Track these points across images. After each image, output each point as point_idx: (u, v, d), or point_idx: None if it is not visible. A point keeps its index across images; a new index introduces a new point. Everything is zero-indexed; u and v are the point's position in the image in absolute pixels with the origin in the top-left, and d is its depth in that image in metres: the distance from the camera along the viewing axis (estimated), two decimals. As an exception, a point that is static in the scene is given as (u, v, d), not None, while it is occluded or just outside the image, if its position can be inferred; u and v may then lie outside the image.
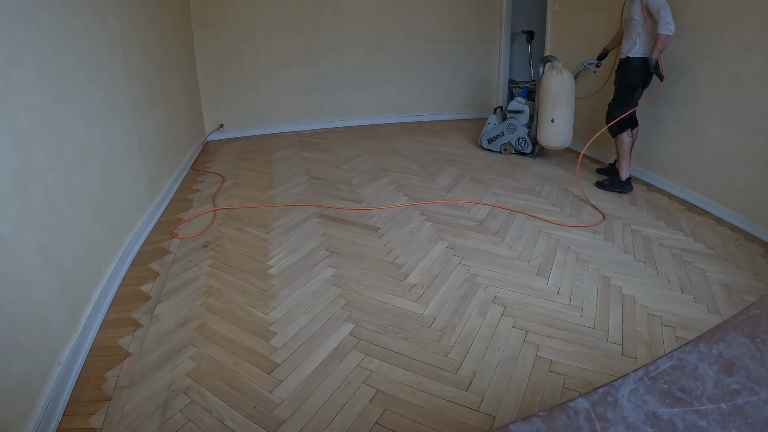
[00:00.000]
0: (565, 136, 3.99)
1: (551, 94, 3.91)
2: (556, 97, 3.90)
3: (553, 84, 3.90)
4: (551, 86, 3.90)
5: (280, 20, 5.09)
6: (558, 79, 3.88)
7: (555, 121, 3.93)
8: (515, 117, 4.38)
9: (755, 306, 0.74)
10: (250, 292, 2.29)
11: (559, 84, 3.87)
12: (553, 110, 3.92)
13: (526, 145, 4.38)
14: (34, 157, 1.71)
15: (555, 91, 3.89)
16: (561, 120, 3.93)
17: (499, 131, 4.50)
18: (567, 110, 3.92)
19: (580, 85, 4.29)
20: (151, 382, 1.73)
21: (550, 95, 3.92)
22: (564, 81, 3.87)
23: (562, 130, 3.96)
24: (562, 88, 3.87)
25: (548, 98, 3.94)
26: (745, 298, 2.22)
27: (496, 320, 2.07)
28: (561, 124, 3.94)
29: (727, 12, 2.94)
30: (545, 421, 0.53)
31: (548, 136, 4.02)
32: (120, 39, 2.72)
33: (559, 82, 3.87)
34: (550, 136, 4.01)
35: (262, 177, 3.93)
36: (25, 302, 1.54)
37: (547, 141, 4.06)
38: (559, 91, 3.88)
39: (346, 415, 1.58)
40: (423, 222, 3.03)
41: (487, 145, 4.63)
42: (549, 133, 4.01)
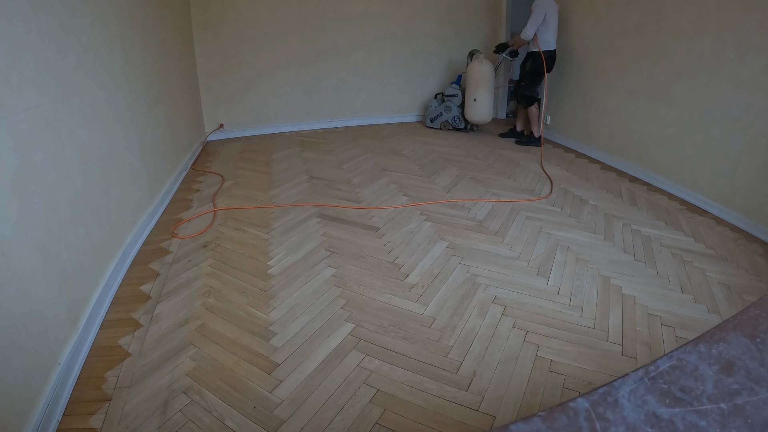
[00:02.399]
0: (485, 113, 5.00)
1: (474, 79, 4.90)
2: (478, 82, 4.87)
3: (475, 71, 4.88)
4: (474, 73, 4.90)
5: (280, 20, 5.09)
6: (479, 68, 4.87)
7: (477, 101, 4.94)
8: (450, 99, 5.34)
9: (755, 306, 0.74)
10: (250, 292, 2.29)
11: (479, 71, 4.87)
12: (475, 92, 4.91)
13: (460, 122, 5.35)
14: (34, 157, 1.71)
15: (477, 77, 4.88)
16: (482, 100, 4.92)
17: (438, 112, 5.47)
18: (486, 92, 4.91)
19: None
20: (151, 382, 1.73)
21: (473, 80, 4.90)
22: (483, 69, 4.86)
23: (483, 107, 4.96)
24: (481, 74, 4.86)
25: (472, 83, 4.92)
26: (745, 298, 2.22)
27: (496, 320, 2.07)
28: (482, 103, 4.94)
29: (727, 12, 2.94)
30: (545, 421, 0.53)
31: (472, 112, 5.04)
32: (120, 39, 2.72)
33: (480, 70, 4.87)
34: (473, 113, 5.03)
35: (262, 177, 3.93)
36: (25, 302, 1.54)
37: (471, 116, 5.07)
38: (480, 76, 4.86)
39: (346, 415, 1.58)
40: (423, 222, 3.03)
41: (430, 123, 5.58)
42: (472, 110, 5.02)
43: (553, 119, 4.99)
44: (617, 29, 3.92)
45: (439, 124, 5.49)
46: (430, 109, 5.50)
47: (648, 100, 3.67)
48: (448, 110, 5.35)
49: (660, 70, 3.52)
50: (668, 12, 3.39)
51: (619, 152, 4.06)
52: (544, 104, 4.95)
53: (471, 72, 4.91)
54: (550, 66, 4.48)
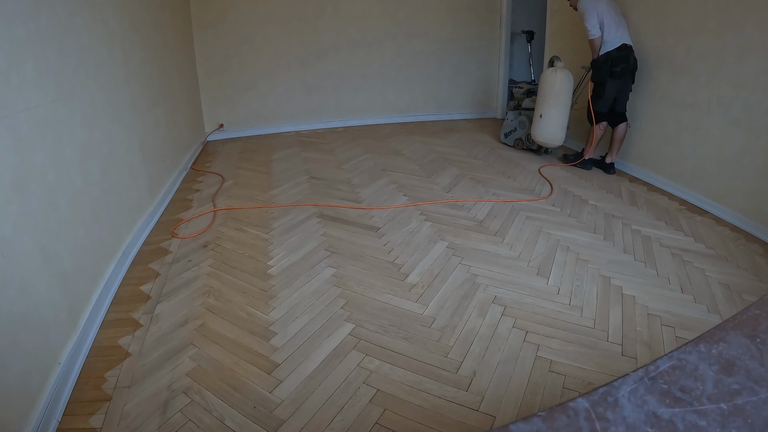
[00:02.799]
0: (553, 134, 4.05)
1: (544, 91, 4.05)
2: (545, 95, 4.02)
3: (546, 81, 4.02)
4: (545, 83, 4.04)
5: (280, 20, 5.09)
6: (551, 77, 3.97)
7: (543, 117, 4.04)
8: (527, 114, 4.51)
9: (755, 306, 0.74)
10: (250, 292, 2.29)
11: (548, 81, 3.99)
12: (542, 106, 4.04)
13: (532, 142, 4.47)
14: (34, 157, 1.71)
15: (546, 88, 4.02)
16: (549, 117, 4.01)
17: (512, 126, 4.66)
18: (555, 108, 3.98)
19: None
20: (151, 382, 1.73)
21: (543, 92, 4.06)
22: (554, 79, 3.96)
23: (550, 126, 4.03)
24: (552, 85, 3.97)
25: (541, 95, 4.09)
26: (745, 298, 2.22)
27: (496, 320, 2.07)
28: (549, 122, 4.02)
29: (727, 12, 2.94)
30: (545, 421, 0.53)
31: (536, 130, 4.14)
32: (120, 39, 2.72)
33: (552, 80, 3.97)
34: (538, 131, 4.13)
35: (262, 177, 3.93)
36: (25, 302, 1.54)
37: (535, 135, 4.18)
38: (549, 88, 3.98)
39: (346, 415, 1.58)
40: (423, 222, 3.03)
41: (504, 139, 4.81)
42: (537, 127, 4.13)
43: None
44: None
45: (512, 141, 4.70)
46: (506, 122, 4.76)
47: (648, 100, 3.67)
48: (523, 126, 4.55)
49: (660, 69, 3.52)
50: (668, 12, 3.39)
51: (619, 152, 4.05)
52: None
53: (542, 82, 4.06)
54: (617, 67, 3.60)
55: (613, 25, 3.61)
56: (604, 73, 3.67)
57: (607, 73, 3.65)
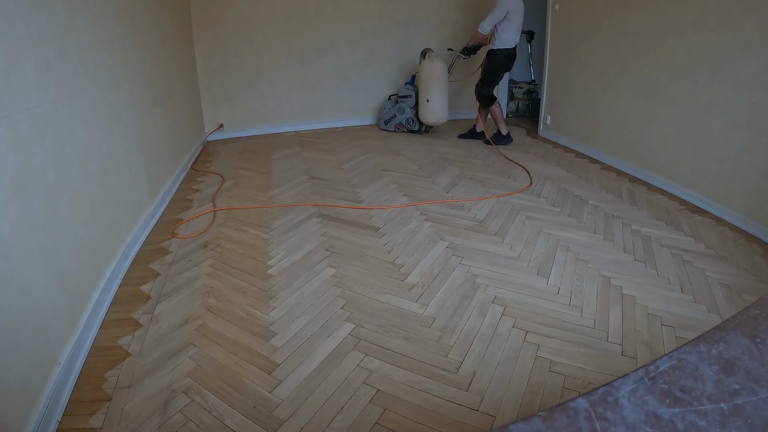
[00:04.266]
0: (440, 114, 4.80)
1: (425, 78, 4.70)
2: (429, 81, 4.67)
3: (426, 70, 4.68)
4: (425, 72, 4.70)
5: (280, 20, 5.09)
6: (430, 66, 4.65)
7: (430, 101, 4.73)
8: (404, 101, 5.13)
9: (755, 306, 0.74)
10: (250, 292, 2.29)
11: (430, 70, 4.65)
12: (428, 92, 4.70)
13: (414, 124, 5.15)
14: (34, 157, 1.71)
15: (427, 76, 4.68)
16: (435, 100, 4.70)
17: (392, 114, 5.25)
18: (439, 92, 4.68)
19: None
20: (151, 382, 1.73)
21: (425, 80, 4.71)
22: (434, 68, 4.64)
23: (437, 108, 4.75)
24: (432, 73, 4.65)
25: (423, 82, 4.73)
26: (745, 298, 2.22)
27: (496, 320, 2.07)
28: (435, 104, 4.72)
29: (727, 12, 2.94)
30: (545, 421, 0.53)
31: (425, 114, 4.85)
32: (120, 39, 2.72)
33: (431, 69, 4.65)
34: (427, 114, 4.84)
35: (262, 177, 3.93)
36: (25, 302, 1.54)
37: (425, 118, 4.88)
38: (431, 75, 4.66)
39: (346, 415, 1.58)
40: (423, 222, 3.03)
41: (384, 126, 5.36)
42: (426, 111, 4.83)
43: (553, 119, 4.99)
44: (617, 29, 3.92)
45: (393, 126, 5.30)
46: (384, 111, 5.32)
47: (648, 100, 3.67)
48: (402, 111, 5.16)
49: (660, 70, 3.52)
50: (668, 12, 3.39)
51: (619, 152, 4.06)
52: (543, 104, 4.96)
53: (422, 71, 4.74)
54: (509, 65, 4.42)
55: (517, 26, 4.24)
56: (501, 66, 4.42)
57: (503, 67, 4.42)
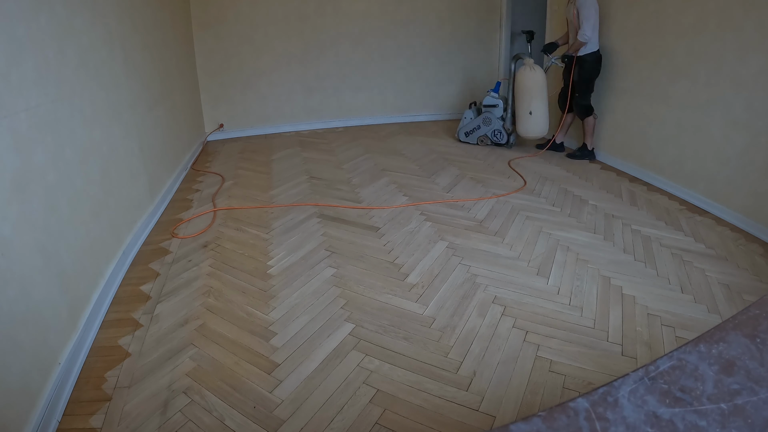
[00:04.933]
0: (542, 126, 4.38)
1: (527, 88, 4.26)
2: (532, 92, 4.25)
3: (528, 79, 4.25)
4: (527, 81, 4.25)
5: (280, 20, 5.09)
6: (532, 75, 4.24)
7: (533, 114, 4.30)
8: (490, 111, 4.71)
9: (755, 306, 0.74)
10: (250, 292, 2.29)
11: (533, 79, 4.24)
12: (531, 103, 4.28)
13: (501, 137, 4.69)
14: (34, 157, 1.71)
15: (530, 85, 4.25)
16: (538, 112, 4.31)
17: (475, 125, 4.80)
18: (542, 102, 4.30)
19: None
20: (151, 382, 1.73)
21: (527, 90, 4.27)
22: (538, 76, 4.24)
23: (540, 121, 4.34)
24: (536, 82, 4.24)
25: (525, 93, 4.29)
26: (745, 298, 2.22)
27: (496, 320, 2.07)
28: (538, 116, 4.32)
29: (727, 12, 2.94)
30: (545, 421, 0.53)
31: (528, 127, 4.39)
32: (120, 39, 2.72)
33: (534, 78, 4.24)
34: (530, 128, 4.38)
35: (262, 177, 3.93)
36: (25, 302, 1.54)
37: (526, 132, 4.43)
38: (534, 85, 4.24)
39: (346, 415, 1.58)
40: (423, 222, 3.03)
41: (464, 138, 4.91)
42: (528, 124, 4.37)
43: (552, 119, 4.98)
44: (617, 29, 3.92)
45: (475, 139, 4.81)
46: (465, 121, 4.86)
47: (648, 100, 3.67)
48: (488, 123, 4.68)
49: (660, 69, 3.52)
50: (668, 12, 3.39)
51: (619, 152, 4.06)
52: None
53: (523, 80, 4.26)
54: (599, 67, 4.04)
55: (598, 26, 3.94)
56: (594, 71, 4.03)
57: (596, 71, 4.03)
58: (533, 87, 4.23)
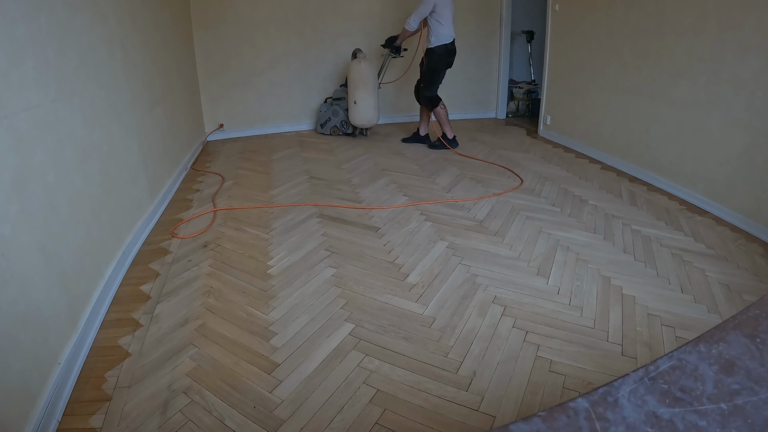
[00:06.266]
0: (369, 116, 4.71)
1: (352, 80, 4.63)
2: (356, 82, 4.59)
3: (353, 71, 4.61)
4: (352, 73, 4.63)
5: (280, 20, 5.09)
6: (357, 67, 4.58)
7: (357, 103, 4.65)
8: (338, 103, 5.05)
9: (755, 306, 0.74)
10: (250, 292, 2.29)
11: (357, 71, 4.58)
12: (355, 94, 4.63)
13: (348, 127, 5.06)
14: (34, 157, 1.71)
15: (354, 77, 4.60)
16: (363, 102, 4.62)
17: (327, 116, 5.17)
18: (367, 93, 4.59)
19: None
20: (151, 382, 1.73)
21: (352, 81, 4.64)
22: (361, 68, 4.56)
23: (366, 110, 4.67)
24: (359, 74, 4.57)
25: (351, 84, 4.65)
26: (745, 298, 2.22)
27: (496, 320, 2.07)
28: (364, 106, 4.64)
29: (727, 12, 2.94)
30: (545, 421, 0.53)
31: (354, 116, 4.77)
32: (120, 39, 2.72)
33: (358, 69, 4.57)
34: (355, 116, 4.76)
35: (262, 177, 3.93)
36: (25, 302, 1.54)
37: (354, 120, 4.81)
38: (357, 76, 4.57)
39: (346, 415, 1.58)
40: (423, 222, 3.03)
41: (321, 129, 5.27)
42: (354, 113, 4.75)
43: (553, 119, 4.99)
44: (617, 29, 3.92)
45: (329, 130, 5.20)
46: (320, 113, 5.23)
47: (648, 100, 3.67)
48: (336, 114, 5.07)
49: (660, 70, 3.52)
50: (668, 12, 3.39)
51: (619, 152, 4.06)
52: (543, 104, 4.95)
53: (350, 72, 4.66)
54: (449, 60, 4.33)
55: (450, 19, 4.16)
56: (441, 63, 4.28)
57: (444, 64, 4.28)
58: (357, 78, 4.59)
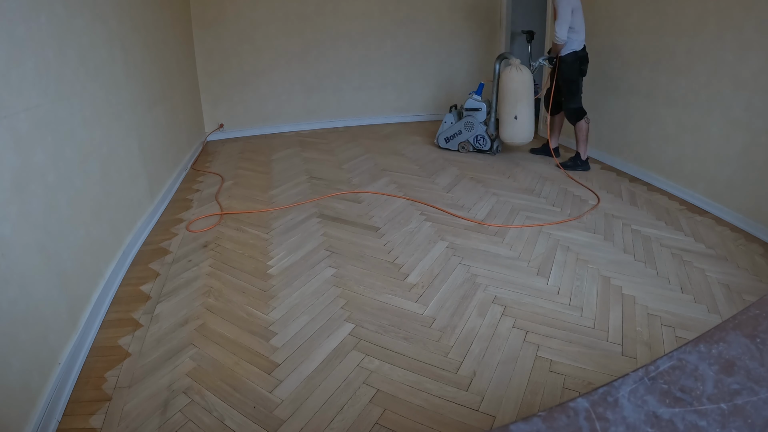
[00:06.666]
0: (528, 132, 4.07)
1: (512, 91, 3.95)
2: (517, 94, 3.95)
3: (514, 81, 3.93)
4: (512, 83, 3.93)
5: (280, 20, 5.09)
6: (518, 76, 3.92)
7: (518, 118, 3.99)
8: (472, 115, 4.33)
9: (755, 306, 0.74)
10: (250, 292, 2.29)
11: (519, 81, 3.93)
12: (515, 107, 3.97)
13: (485, 142, 4.37)
14: (34, 157, 1.71)
15: (516, 87, 3.94)
16: (523, 116, 3.99)
17: (456, 129, 4.45)
18: (528, 106, 4.00)
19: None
20: (151, 382, 1.73)
21: (512, 92, 3.96)
22: (524, 78, 3.93)
23: (525, 125, 4.03)
24: (522, 84, 3.93)
25: (509, 95, 3.98)
26: (745, 298, 2.22)
27: (496, 320, 2.07)
28: (524, 120, 4.01)
29: (727, 12, 2.94)
30: (545, 421, 0.53)
31: (512, 132, 4.07)
32: (120, 39, 2.72)
33: (520, 79, 3.93)
34: (514, 133, 4.06)
35: (262, 177, 3.93)
36: (25, 302, 1.54)
37: (511, 138, 4.11)
38: (520, 87, 3.94)
39: (346, 415, 1.58)
40: (423, 222, 3.03)
41: (445, 144, 4.58)
42: (513, 129, 4.05)
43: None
44: (617, 29, 3.92)
45: (456, 145, 4.47)
46: (445, 126, 4.50)
47: (648, 100, 3.67)
48: (470, 128, 4.33)
49: (660, 69, 3.52)
50: (668, 12, 3.39)
51: (619, 152, 4.06)
52: (544, 104, 4.92)
53: (508, 82, 3.95)
54: (583, 68, 3.81)
55: (582, 25, 3.73)
56: (575, 72, 3.78)
57: (577, 72, 3.79)
58: (519, 89, 3.94)
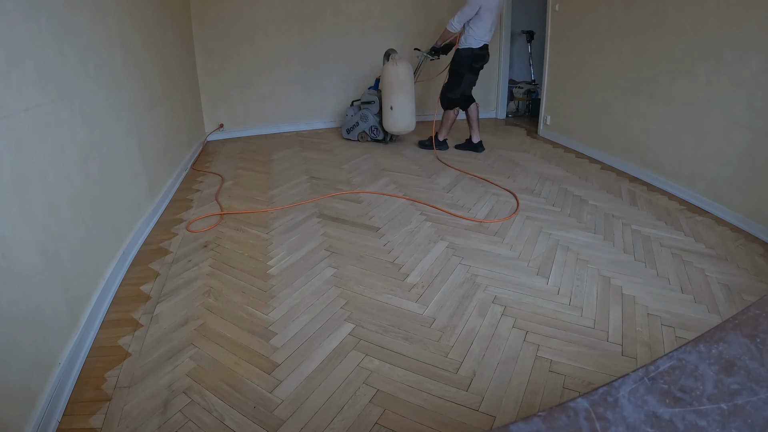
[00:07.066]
0: (405, 122, 4.38)
1: (388, 83, 4.29)
2: (393, 86, 4.26)
3: (390, 74, 4.28)
4: (389, 76, 4.28)
5: (280, 20, 5.09)
6: (393, 69, 4.25)
7: (394, 108, 4.30)
8: (367, 107, 4.69)
9: (755, 306, 0.74)
10: (250, 292, 2.29)
11: (394, 74, 4.25)
12: (391, 98, 4.29)
13: (378, 133, 4.74)
14: (34, 157, 1.71)
15: (391, 80, 4.27)
16: (401, 107, 4.29)
17: (354, 121, 4.81)
18: (405, 98, 4.26)
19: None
20: (151, 382, 1.73)
21: (388, 85, 4.30)
22: (398, 71, 4.24)
23: (402, 116, 4.34)
24: (396, 77, 4.24)
25: (386, 87, 4.31)
26: (745, 298, 2.22)
27: (496, 320, 2.07)
28: (401, 111, 4.31)
29: (727, 12, 2.94)
30: (545, 421, 0.53)
31: (389, 122, 4.41)
32: (120, 39, 2.72)
33: (395, 72, 4.24)
34: (391, 123, 4.41)
35: (262, 177, 3.93)
36: (25, 302, 1.54)
37: (389, 127, 4.45)
38: (395, 80, 4.25)
39: (346, 415, 1.58)
40: (423, 222, 3.03)
41: (347, 135, 4.93)
42: (390, 119, 4.39)
43: (553, 119, 4.99)
44: (617, 29, 3.92)
45: (356, 135, 4.88)
46: (346, 118, 4.90)
47: (648, 100, 3.67)
48: (365, 119, 4.74)
49: (660, 69, 3.52)
50: (668, 12, 3.39)
51: (619, 152, 4.06)
52: (543, 104, 4.94)
53: (385, 75, 4.33)
54: (475, 66, 4.06)
55: (490, 24, 3.86)
56: (464, 67, 3.96)
57: (467, 68, 3.96)
58: (394, 82, 4.26)
